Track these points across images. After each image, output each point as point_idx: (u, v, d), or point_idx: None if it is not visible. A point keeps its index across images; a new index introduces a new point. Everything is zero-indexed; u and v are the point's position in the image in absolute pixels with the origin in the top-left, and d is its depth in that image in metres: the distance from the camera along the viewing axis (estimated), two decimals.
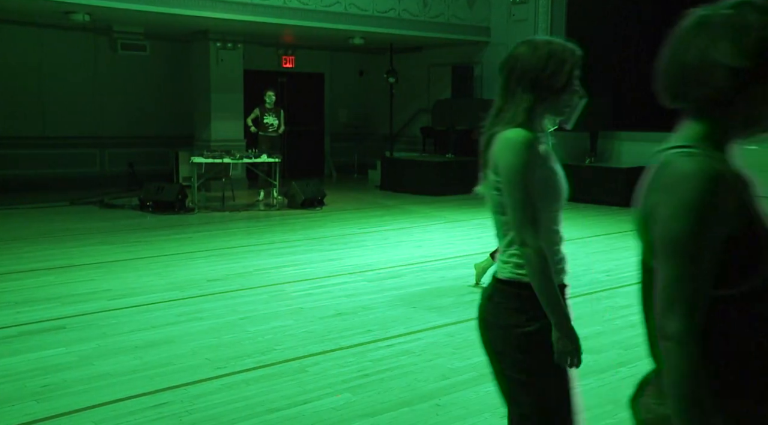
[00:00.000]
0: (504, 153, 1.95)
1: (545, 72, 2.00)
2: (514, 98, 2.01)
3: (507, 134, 1.96)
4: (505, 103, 2.03)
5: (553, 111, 2.06)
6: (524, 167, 1.92)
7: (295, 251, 7.60)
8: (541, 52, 2.02)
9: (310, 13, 11.81)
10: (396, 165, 13.53)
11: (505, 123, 1.99)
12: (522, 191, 1.92)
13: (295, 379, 3.89)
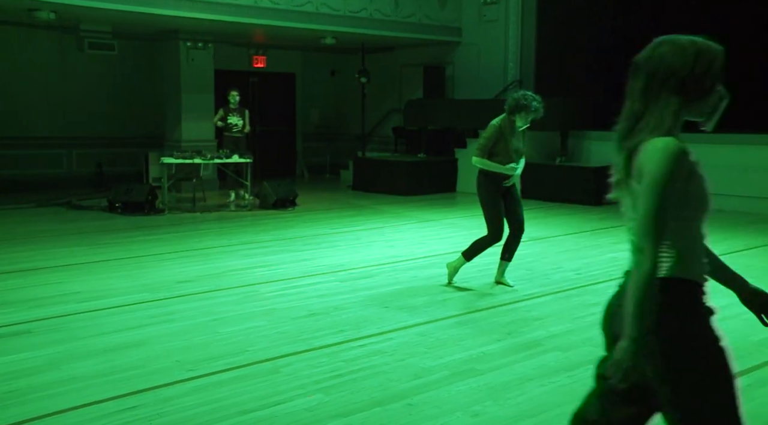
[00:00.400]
0: (653, 162, 1.85)
1: (694, 73, 1.90)
2: (658, 102, 1.92)
3: (657, 143, 1.87)
4: (645, 107, 1.94)
5: (697, 113, 1.97)
6: (670, 178, 1.85)
7: (267, 251, 7.56)
8: (688, 52, 1.91)
9: (281, 13, 11.76)
10: (368, 165, 13.53)
11: (651, 130, 1.90)
12: (658, 202, 1.85)
13: (268, 380, 3.87)
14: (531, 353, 4.31)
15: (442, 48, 14.46)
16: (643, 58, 1.99)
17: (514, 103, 5.66)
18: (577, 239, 8.29)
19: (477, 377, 3.91)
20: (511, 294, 5.72)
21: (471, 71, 14.12)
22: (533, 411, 3.45)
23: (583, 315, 5.10)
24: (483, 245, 5.80)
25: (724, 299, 5.75)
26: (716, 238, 8.86)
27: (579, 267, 6.71)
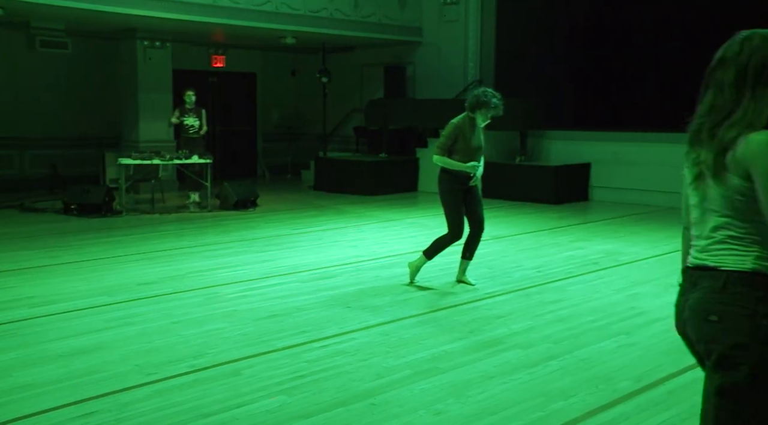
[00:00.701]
0: (762, 157, 1.84)
1: None
2: (754, 95, 1.89)
3: (758, 136, 1.86)
4: (736, 101, 1.92)
5: None
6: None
7: (228, 253, 7.49)
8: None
9: (240, 12, 11.65)
10: (329, 165, 13.50)
11: (747, 124, 1.89)
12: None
13: (229, 383, 3.83)
14: (492, 351, 4.35)
15: (403, 48, 14.51)
16: (732, 52, 1.97)
17: (474, 101, 5.70)
18: (536, 237, 8.40)
19: (439, 375, 3.94)
20: (473, 293, 5.76)
21: (431, 71, 14.20)
22: (495, 409, 3.49)
23: (543, 313, 5.17)
24: (443, 243, 5.84)
25: (675, 296, 5.87)
26: (669, 234, 9.11)
27: (539, 265, 6.80)
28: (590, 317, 5.03)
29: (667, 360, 4.15)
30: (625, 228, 8.94)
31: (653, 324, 4.86)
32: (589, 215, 10.45)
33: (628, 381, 3.84)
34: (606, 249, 7.55)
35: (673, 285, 6.37)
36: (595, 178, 11.93)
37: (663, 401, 3.57)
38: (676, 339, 4.69)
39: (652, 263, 6.86)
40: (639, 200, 11.20)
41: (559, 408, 3.50)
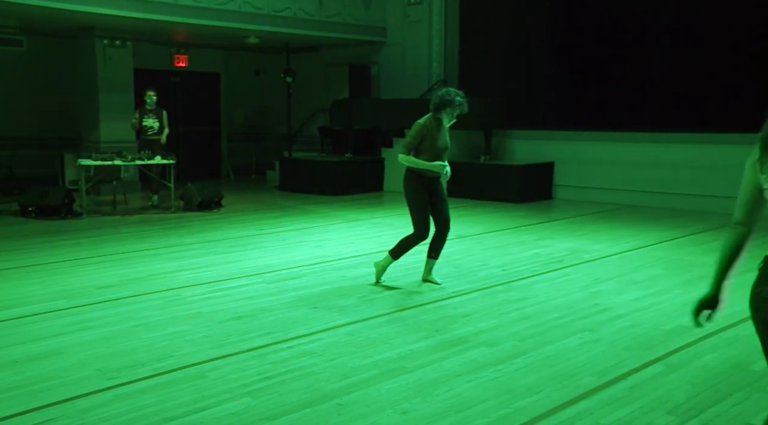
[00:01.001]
0: None
1: None
2: None
3: None
4: None
5: None
6: None
7: (192, 254, 7.39)
8: None
9: (202, 11, 11.50)
10: (294, 165, 13.42)
11: None
12: None
13: (194, 386, 3.78)
14: (458, 349, 4.37)
15: (368, 48, 14.50)
16: None
17: (439, 101, 5.72)
18: (501, 236, 8.46)
19: (406, 375, 3.93)
20: (439, 292, 5.78)
21: (396, 71, 14.22)
22: (461, 407, 3.50)
23: (508, 311, 5.21)
24: (410, 243, 5.84)
25: (637, 292, 5.99)
26: (631, 232, 9.25)
27: (504, 264, 6.85)
28: (555, 315, 5.08)
29: (629, 356, 4.21)
30: (588, 226, 9.05)
31: (616, 321, 4.93)
32: (553, 213, 10.56)
33: (592, 377, 3.88)
34: (570, 247, 7.65)
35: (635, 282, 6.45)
36: (559, 176, 12.07)
37: (625, 396, 3.62)
38: (637, 334, 4.78)
39: (615, 261, 6.96)
40: (601, 199, 11.37)
41: (524, 405, 3.52)
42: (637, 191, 11.06)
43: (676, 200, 10.67)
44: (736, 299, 5.85)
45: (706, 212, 10.14)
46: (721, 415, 3.39)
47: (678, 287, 5.87)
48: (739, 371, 3.97)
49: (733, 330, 4.71)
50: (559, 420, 3.35)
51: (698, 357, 4.20)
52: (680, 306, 5.28)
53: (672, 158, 10.78)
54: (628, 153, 11.23)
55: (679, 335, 4.60)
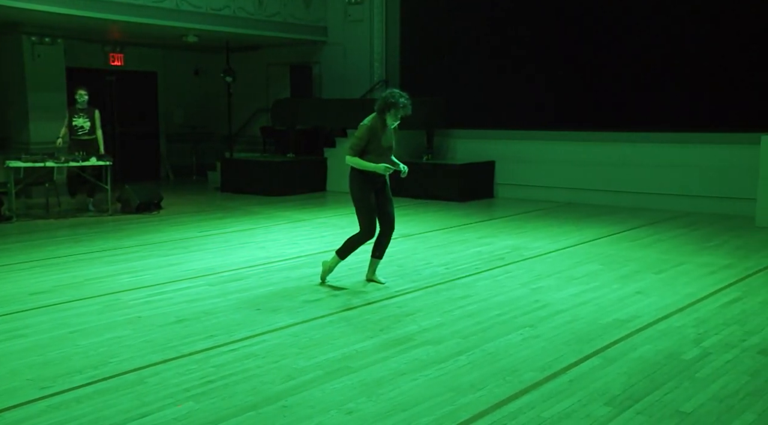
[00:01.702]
0: None
1: None
2: None
3: None
4: None
5: None
6: None
7: (131, 257, 7.21)
8: None
9: (138, 9, 11.20)
10: (236, 166, 13.25)
11: None
12: None
13: (133, 392, 3.69)
14: (403, 348, 4.39)
15: (309, 47, 14.44)
16: None
17: (383, 103, 5.75)
18: (445, 234, 8.54)
19: (350, 375, 3.93)
20: (383, 291, 5.80)
21: (338, 71, 14.20)
22: (406, 405, 3.52)
23: (452, 309, 5.26)
24: (356, 242, 5.84)
25: (576, 288, 6.13)
26: (570, 229, 9.46)
27: (447, 262, 6.92)
28: (497, 312, 5.16)
29: (568, 350, 4.32)
30: (529, 224, 9.23)
31: (556, 316, 5.04)
32: (495, 211, 10.73)
33: (533, 372, 3.96)
34: (511, 245, 7.78)
35: (574, 278, 6.61)
36: (500, 175, 12.27)
37: (565, 389, 3.71)
38: (576, 329, 4.90)
39: (554, 257, 7.12)
40: (541, 197, 11.61)
41: (468, 401, 3.57)
42: (576, 188, 11.33)
43: (613, 198, 10.98)
44: (666, 293, 6.08)
45: (641, 208, 10.47)
46: (655, 404, 3.51)
47: (615, 281, 6.04)
48: (671, 361, 4.12)
49: (665, 322, 4.88)
50: (502, 415, 3.40)
51: (633, 349, 4.33)
52: (617, 301, 5.44)
53: (608, 156, 11.09)
54: (567, 152, 11.50)
55: (615, 328, 4.74)
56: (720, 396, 3.60)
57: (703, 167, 10.21)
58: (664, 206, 10.46)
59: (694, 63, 10.67)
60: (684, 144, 10.45)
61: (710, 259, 6.94)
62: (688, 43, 10.72)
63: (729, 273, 6.33)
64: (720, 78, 10.47)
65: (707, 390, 3.69)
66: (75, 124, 10.24)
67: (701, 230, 8.68)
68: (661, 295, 5.59)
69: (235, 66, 13.83)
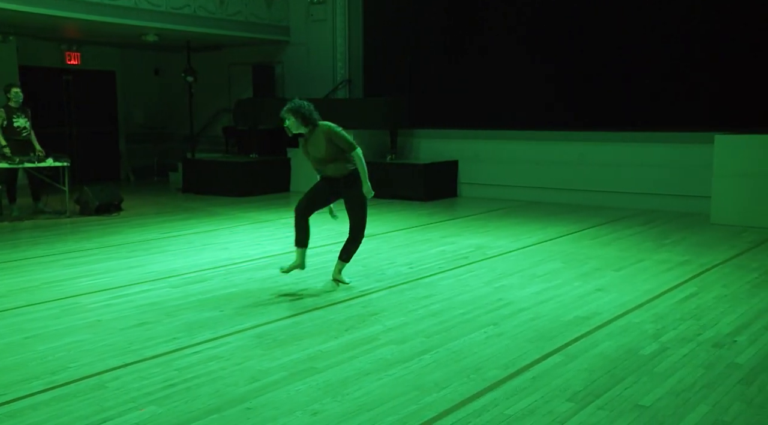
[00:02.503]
0: None
1: None
2: None
3: None
4: None
5: None
6: None
7: (90, 260, 7.08)
8: None
9: (94, 7, 10.97)
10: (198, 166, 13.10)
11: None
12: None
13: (93, 397, 3.62)
14: (368, 348, 4.39)
15: (271, 47, 14.35)
16: None
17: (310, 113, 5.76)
18: (408, 234, 8.57)
19: (315, 375, 3.92)
20: (348, 291, 5.79)
21: (301, 70, 14.14)
22: (371, 405, 3.52)
23: (416, 308, 5.28)
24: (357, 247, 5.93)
25: (538, 286, 6.20)
26: (532, 228, 9.55)
27: (411, 261, 6.95)
28: (461, 310, 5.20)
29: (532, 348, 4.37)
30: (492, 223, 9.31)
31: (519, 314, 5.10)
32: (458, 211, 10.80)
33: (497, 370, 4.00)
34: (475, 244, 7.84)
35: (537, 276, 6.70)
36: (463, 174, 12.36)
37: (528, 386, 3.76)
38: (539, 326, 4.96)
39: (517, 256, 7.20)
40: (504, 196, 11.72)
41: (432, 400, 3.59)
42: (538, 187, 11.48)
43: (573, 196, 11.14)
44: (626, 289, 6.20)
45: (601, 207, 10.65)
46: (615, 399, 3.58)
47: (576, 279, 6.14)
48: (631, 356, 4.20)
49: (624, 318, 4.97)
50: (467, 413, 3.43)
51: (595, 345, 4.41)
52: (578, 298, 5.52)
53: (569, 155, 11.25)
54: (529, 151, 11.64)
55: (577, 325, 4.81)
56: (677, 390, 3.69)
57: (660, 165, 10.43)
58: (623, 204, 10.66)
59: (650, 64, 10.89)
60: (641, 143, 10.66)
61: (668, 256, 7.09)
62: (643, 43, 10.94)
63: (685, 269, 6.48)
64: (675, 78, 10.71)
65: (665, 384, 3.77)
66: (17, 125, 9.77)
67: (659, 227, 8.86)
68: (620, 292, 5.70)
69: (196, 66, 13.67)
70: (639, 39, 11.00)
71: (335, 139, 5.66)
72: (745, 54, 10.29)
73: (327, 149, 5.68)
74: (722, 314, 5.06)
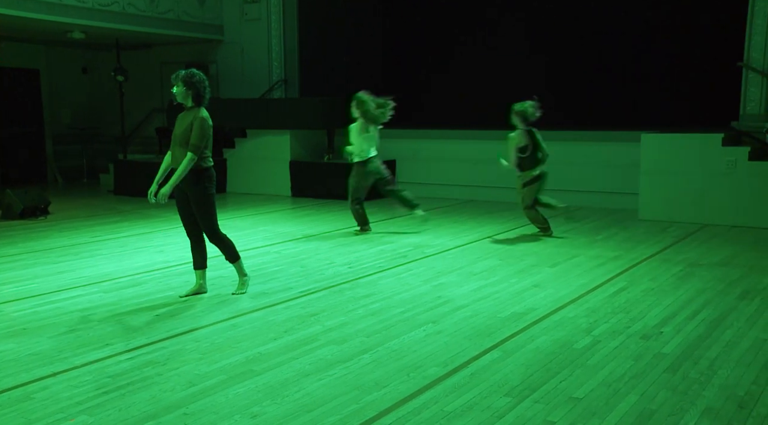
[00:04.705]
0: None
1: None
2: None
3: None
4: None
5: None
6: None
7: (14, 266, 6.80)
8: None
9: (14, 1, 10.51)
10: (131, 168, 12.75)
11: None
12: None
13: (17, 410, 3.47)
14: (307, 348, 4.37)
15: (205, 46, 14.09)
16: None
17: None
18: (347, 234, 8.56)
19: (254, 378, 3.87)
20: (287, 292, 5.74)
21: (236, 70, 13.94)
22: (312, 406, 3.50)
23: (355, 308, 5.28)
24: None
25: (476, 283, 6.29)
26: (470, 226, 9.67)
27: (350, 261, 6.94)
28: (400, 309, 5.23)
29: (470, 345, 4.43)
30: (430, 221, 9.39)
31: (457, 312, 5.16)
32: (396, 210, 10.83)
33: (436, 368, 4.04)
34: (413, 242, 7.89)
35: (474, 273, 6.78)
36: (401, 174, 12.41)
37: (467, 383, 3.80)
38: (477, 323, 5.03)
39: (456, 254, 7.28)
40: (441, 194, 11.84)
41: (373, 399, 3.59)
42: (475, 186, 11.63)
43: (510, 194, 11.34)
44: (561, 285, 6.35)
45: None
46: (551, 392, 3.66)
47: (513, 276, 6.25)
48: (565, 350, 4.31)
49: (559, 313, 5.10)
50: (407, 410, 3.45)
51: (531, 340, 4.50)
52: (515, 294, 5.63)
53: None
54: (465, 150, 11.78)
55: (514, 321, 4.90)
56: (608, 381, 3.80)
57: (591, 163, 10.73)
58: (556, 201, 10.90)
59: (580, 64, 11.20)
60: (572, 142, 10.93)
61: (600, 251, 7.31)
62: (574, 46, 11.24)
63: (616, 264, 6.69)
64: (604, 79, 11.05)
65: (597, 376, 3.88)
66: None
67: (591, 223, 9.12)
68: (556, 287, 5.84)
69: (127, 64, 13.30)
70: (567, 41, 11.29)
71: (195, 127, 5.30)
72: (669, 58, 10.70)
73: (185, 131, 5.33)
74: (650, 306, 5.24)
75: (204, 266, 5.70)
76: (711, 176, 8.97)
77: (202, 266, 5.69)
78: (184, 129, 5.35)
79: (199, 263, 5.67)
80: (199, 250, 5.66)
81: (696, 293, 5.63)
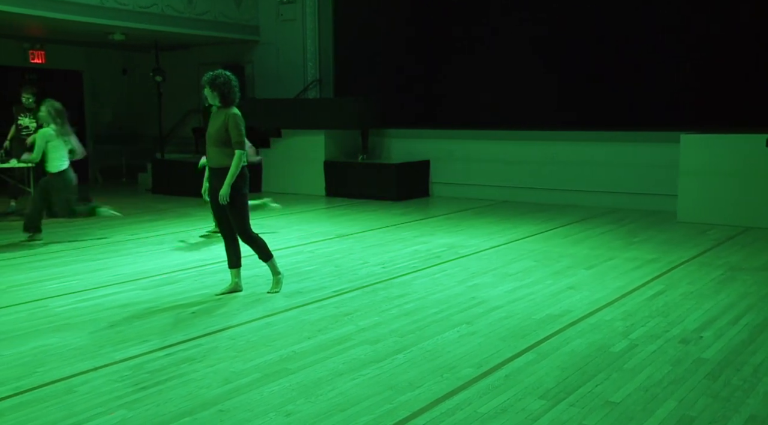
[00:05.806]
0: None
1: None
2: None
3: None
4: None
5: None
6: None
7: (57, 262, 6.96)
8: None
9: (58, 4, 10.76)
10: (168, 167, 12.96)
11: None
12: None
13: (62, 402, 3.56)
14: (341, 348, 4.39)
15: (241, 47, 14.25)
16: None
17: None
18: (381, 234, 8.57)
19: (289, 376, 3.91)
20: (321, 292, 5.78)
21: (271, 70, 14.06)
22: (345, 405, 3.52)
23: (389, 308, 5.29)
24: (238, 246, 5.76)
25: (511, 284, 6.24)
26: (504, 227, 9.61)
27: (384, 261, 6.95)
28: (434, 310, 5.22)
29: (504, 346, 4.40)
30: (465, 222, 9.36)
31: (491, 313, 5.13)
32: (431, 210, 10.83)
33: (470, 369, 4.02)
34: (447, 243, 7.87)
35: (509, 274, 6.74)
36: (435, 174, 12.40)
37: (501, 384, 3.78)
38: (511, 325, 5.00)
39: (490, 255, 7.24)
40: (475, 195, 11.79)
41: (406, 399, 3.59)
42: (510, 186, 11.56)
43: (545, 195, 11.24)
44: (597, 287, 6.26)
45: (572, 205, 10.77)
46: (586, 396, 3.62)
47: (548, 277, 6.20)
48: (602, 353, 4.25)
49: (595, 315, 5.03)
50: (440, 411, 3.44)
51: (566, 343, 4.45)
52: (550, 296, 5.58)
53: (540, 155, 11.34)
54: (500, 151, 11.71)
55: (549, 323, 4.86)
56: (646, 386, 3.74)
57: (629, 164, 10.57)
58: (593, 202, 10.78)
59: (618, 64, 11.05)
60: (610, 142, 10.79)
61: (637, 253, 7.20)
62: (611, 44, 11.09)
63: (654, 267, 6.59)
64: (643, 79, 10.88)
65: (634, 380, 3.82)
66: (20, 123, 9.94)
67: (628, 225, 8.99)
68: (591, 290, 5.77)
69: (165, 65, 13.52)
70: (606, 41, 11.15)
71: (230, 125, 5.38)
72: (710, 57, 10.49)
73: (219, 130, 5.40)
74: (689, 310, 5.15)
75: (239, 265, 5.76)
76: (753, 177, 8.77)
77: (237, 265, 5.76)
78: (218, 129, 5.43)
79: (233, 261, 5.74)
80: (233, 249, 5.72)
81: (738, 297, 5.51)
